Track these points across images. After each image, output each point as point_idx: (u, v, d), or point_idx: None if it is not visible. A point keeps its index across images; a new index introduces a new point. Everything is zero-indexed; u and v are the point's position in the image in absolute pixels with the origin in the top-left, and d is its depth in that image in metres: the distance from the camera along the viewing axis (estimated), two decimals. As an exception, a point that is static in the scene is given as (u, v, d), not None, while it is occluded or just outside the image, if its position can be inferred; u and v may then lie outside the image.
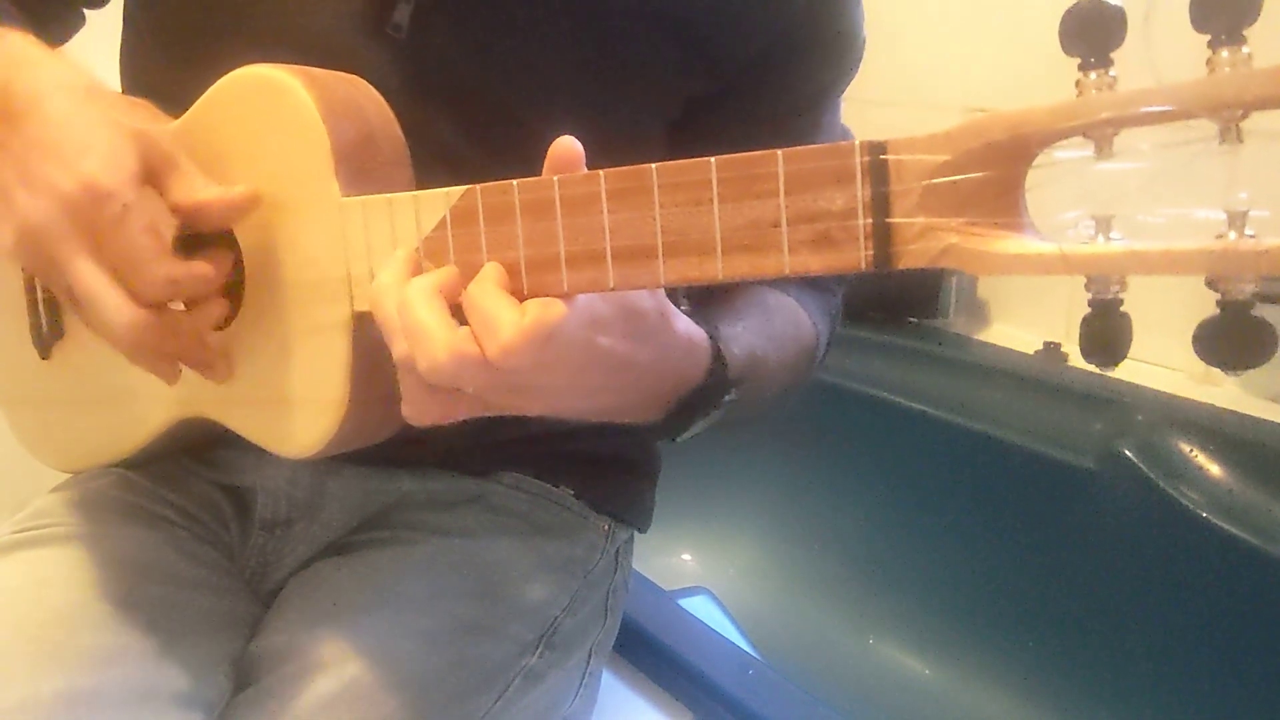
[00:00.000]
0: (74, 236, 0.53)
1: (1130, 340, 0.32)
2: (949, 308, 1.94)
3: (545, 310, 0.46)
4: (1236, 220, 0.28)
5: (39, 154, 0.54)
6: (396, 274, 0.51)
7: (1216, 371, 1.64)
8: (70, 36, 0.83)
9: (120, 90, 0.78)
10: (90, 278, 0.53)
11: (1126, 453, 1.49)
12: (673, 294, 0.56)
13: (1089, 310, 0.32)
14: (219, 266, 0.58)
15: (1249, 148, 0.27)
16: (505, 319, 0.47)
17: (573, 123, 0.49)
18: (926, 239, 0.35)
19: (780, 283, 0.75)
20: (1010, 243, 0.34)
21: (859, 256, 0.37)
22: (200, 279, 0.56)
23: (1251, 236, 0.28)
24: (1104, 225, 0.31)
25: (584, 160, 0.48)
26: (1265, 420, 1.48)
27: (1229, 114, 0.27)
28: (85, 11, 0.83)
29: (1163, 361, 1.70)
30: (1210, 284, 0.30)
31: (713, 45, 0.69)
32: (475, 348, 0.47)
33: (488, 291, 0.48)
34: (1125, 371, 1.66)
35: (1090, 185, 0.30)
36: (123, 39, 0.79)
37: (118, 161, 0.54)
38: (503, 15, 0.67)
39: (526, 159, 0.50)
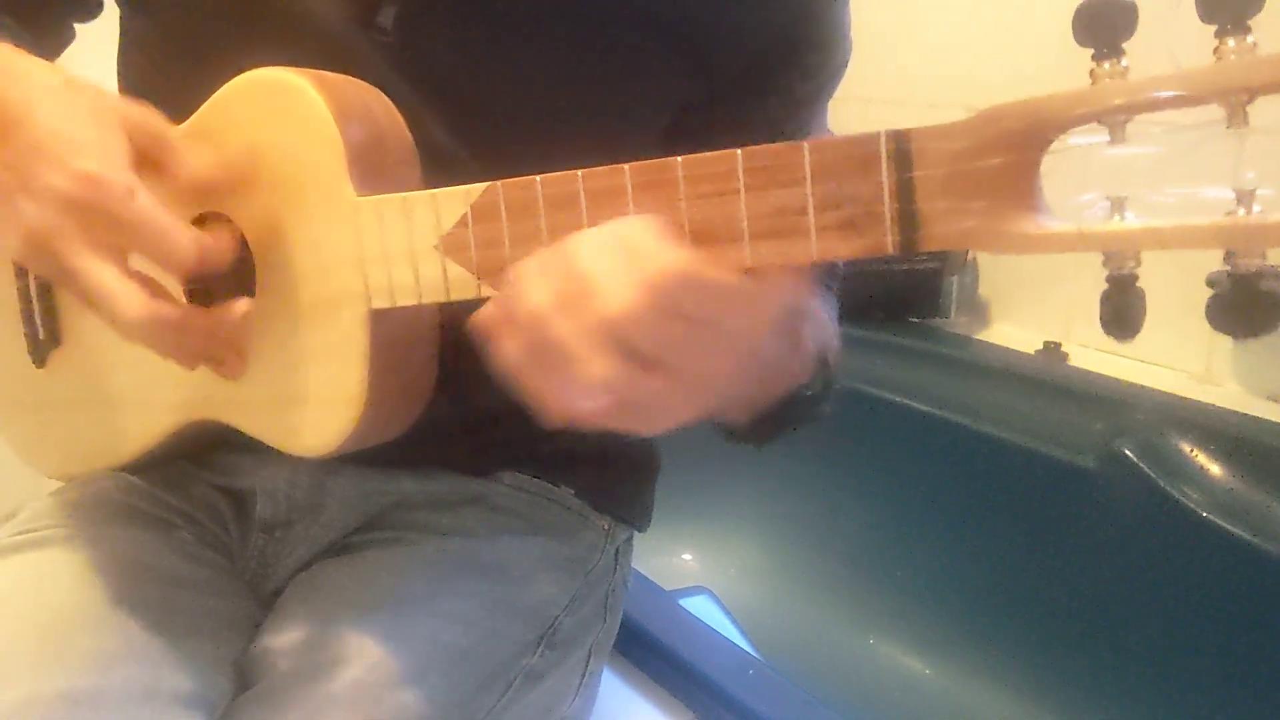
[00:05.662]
0: (78, 236, 0.53)
1: (1144, 314, 0.33)
2: (950, 308, 1.93)
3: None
4: (1245, 198, 0.30)
5: (34, 159, 0.54)
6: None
7: (1217, 371, 1.65)
8: (62, 50, 0.82)
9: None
10: (99, 274, 0.52)
11: (1126, 453, 1.49)
12: None
13: (1107, 286, 0.33)
14: (225, 244, 0.57)
15: (1255, 131, 0.29)
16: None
17: (562, 124, 0.48)
18: (948, 221, 0.37)
19: None
20: (1028, 223, 0.35)
21: (886, 240, 0.38)
22: (221, 246, 0.56)
23: (1259, 212, 0.30)
24: (1119, 206, 0.32)
25: None
26: (1265, 420, 1.48)
27: (1235, 98, 0.29)
28: (76, 26, 0.83)
29: (1163, 361, 1.70)
30: (1226, 259, 0.31)
31: (708, 50, 0.69)
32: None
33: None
34: (1125, 371, 1.66)
35: (1104, 169, 0.32)
36: (119, 51, 0.79)
37: (109, 150, 0.54)
38: (490, 17, 0.66)
39: (517, 159, 0.50)
